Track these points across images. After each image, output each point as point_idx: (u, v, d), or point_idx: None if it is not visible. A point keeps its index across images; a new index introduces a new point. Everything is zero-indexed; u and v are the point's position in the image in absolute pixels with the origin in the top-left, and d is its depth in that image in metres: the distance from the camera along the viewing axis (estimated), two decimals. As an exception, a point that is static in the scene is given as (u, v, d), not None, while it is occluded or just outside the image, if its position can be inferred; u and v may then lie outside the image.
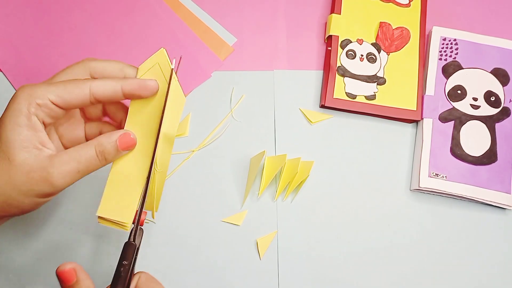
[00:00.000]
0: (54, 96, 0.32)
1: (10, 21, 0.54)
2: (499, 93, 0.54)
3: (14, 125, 0.31)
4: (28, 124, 0.31)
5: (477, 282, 0.50)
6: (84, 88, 0.33)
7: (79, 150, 0.33)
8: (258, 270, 0.49)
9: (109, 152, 0.33)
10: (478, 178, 0.51)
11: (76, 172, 0.32)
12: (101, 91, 0.33)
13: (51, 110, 0.32)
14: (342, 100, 0.52)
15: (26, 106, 0.31)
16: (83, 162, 0.33)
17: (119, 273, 0.34)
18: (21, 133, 0.31)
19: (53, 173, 0.31)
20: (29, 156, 0.31)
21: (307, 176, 0.49)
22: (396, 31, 0.55)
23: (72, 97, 0.32)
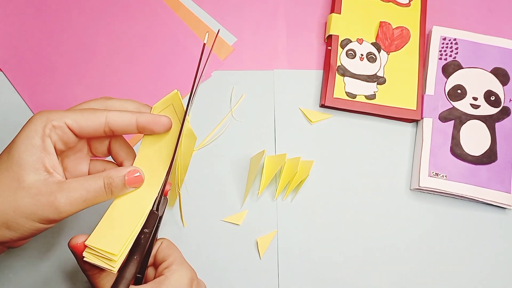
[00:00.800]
0: (71, 120, 0.32)
1: (11, 21, 0.54)
2: (499, 93, 0.54)
3: (28, 145, 0.31)
4: (42, 146, 0.32)
5: (477, 282, 0.50)
6: (101, 116, 0.33)
7: (88, 179, 0.33)
8: (258, 270, 0.49)
9: (116, 186, 0.33)
10: (478, 178, 0.51)
11: (83, 201, 0.32)
12: (116, 121, 0.33)
13: (65, 134, 0.33)
14: (342, 99, 0.52)
15: (42, 127, 0.32)
16: (91, 192, 0.32)
17: (139, 240, 0.34)
18: (34, 154, 0.31)
19: (60, 199, 0.31)
20: (38, 179, 0.31)
21: (307, 176, 0.49)
22: (396, 31, 0.55)
23: (88, 124, 0.33)
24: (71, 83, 0.52)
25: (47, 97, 0.52)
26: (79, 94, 0.52)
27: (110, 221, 0.34)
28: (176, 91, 0.35)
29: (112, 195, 0.34)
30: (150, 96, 0.53)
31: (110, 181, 0.33)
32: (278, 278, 0.49)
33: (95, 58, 0.53)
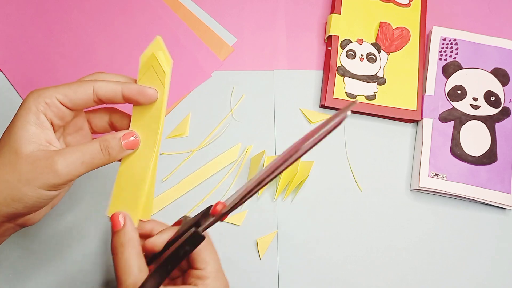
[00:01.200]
0: (61, 95, 0.33)
1: (11, 21, 0.54)
2: (499, 93, 0.54)
3: (23, 123, 0.33)
4: (37, 122, 0.33)
5: (477, 282, 0.50)
6: (88, 87, 0.34)
7: (85, 144, 0.34)
8: (258, 270, 0.49)
9: (113, 148, 0.34)
10: (478, 178, 0.51)
11: (80, 163, 0.33)
12: (103, 91, 0.34)
13: (59, 110, 0.34)
14: (342, 100, 0.52)
15: (35, 105, 0.33)
16: (87, 154, 0.33)
17: (178, 254, 0.34)
18: (29, 129, 0.33)
19: (58, 161, 0.32)
20: (36, 148, 0.33)
21: (307, 176, 0.49)
22: (396, 31, 0.55)
23: (77, 96, 0.34)
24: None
25: (47, 97, 0.52)
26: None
27: (121, 188, 0.36)
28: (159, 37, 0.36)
29: (110, 158, 0.34)
30: (150, 97, 0.53)
31: (106, 143, 0.34)
32: (278, 278, 0.49)
33: (95, 58, 0.53)
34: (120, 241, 0.34)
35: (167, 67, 0.36)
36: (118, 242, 0.34)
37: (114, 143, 0.34)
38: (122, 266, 0.33)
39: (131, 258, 0.34)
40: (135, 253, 0.34)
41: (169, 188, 0.50)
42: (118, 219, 0.35)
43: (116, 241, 0.34)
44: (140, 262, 0.34)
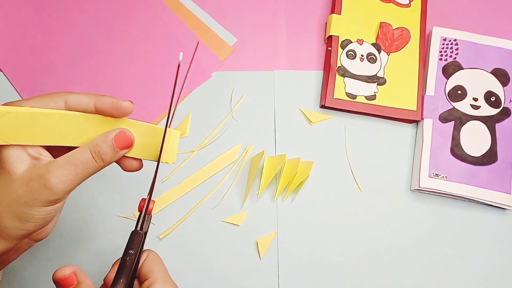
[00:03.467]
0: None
1: (11, 21, 0.54)
2: (499, 93, 0.54)
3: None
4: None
5: (477, 282, 0.50)
6: (59, 100, 0.32)
7: (74, 153, 0.32)
8: (258, 270, 0.49)
9: (105, 153, 0.33)
10: (478, 178, 0.51)
11: (74, 176, 0.32)
12: (75, 104, 0.33)
13: None
14: (342, 100, 0.52)
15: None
16: (79, 165, 0.32)
17: (125, 263, 0.33)
18: (13, 148, 0.31)
19: (50, 179, 0.31)
20: (27, 167, 0.31)
21: (307, 176, 0.49)
22: (396, 31, 0.55)
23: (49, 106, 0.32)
24: (71, 83, 0.52)
25: (47, 98, 0.52)
26: (79, 94, 0.52)
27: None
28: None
29: (104, 163, 0.33)
30: (149, 96, 0.53)
31: (97, 149, 0.32)
32: (278, 278, 0.49)
33: (95, 58, 0.53)
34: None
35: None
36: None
37: (106, 148, 0.33)
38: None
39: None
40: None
41: (169, 188, 0.50)
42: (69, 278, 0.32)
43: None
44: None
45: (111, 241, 0.48)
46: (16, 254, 0.35)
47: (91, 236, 0.48)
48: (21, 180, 0.31)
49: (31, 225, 0.32)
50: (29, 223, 0.32)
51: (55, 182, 0.31)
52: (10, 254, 0.34)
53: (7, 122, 0.31)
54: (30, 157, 0.32)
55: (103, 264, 0.47)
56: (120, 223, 0.49)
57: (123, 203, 0.49)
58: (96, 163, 0.32)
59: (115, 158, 0.33)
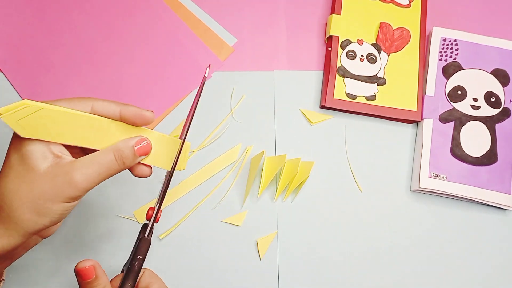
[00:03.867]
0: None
1: (11, 21, 0.54)
2: (499, 94, 0.54)
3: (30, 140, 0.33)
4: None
5: (477, 282, 0.50)
6: (87, 104, 0.35)
7: (99, 154, 0.34)
8: (258, 271, 0.49)
9: (127, 157, 0.35)
10: (478, 179, 0.51)
11: (97, 175, 0.34)
12: (101, 109, 0.35)
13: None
14: (342, 100, 0.52)
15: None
16: (103, 166, 0.34)
17: (133, 267, 0.35)
18: (38, 145, 0.33)
19: (76, 176, 0.33)
20: (51, 164, 0.33)
21: (307, 177, 0.49)
22: (396, 32, 0.55)
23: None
24: (71, 83, 0.52)
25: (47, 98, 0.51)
26: (79, 94, 0.52)
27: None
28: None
29: (125, 166, 0.35)
30: (149, 96, 0.53)
31: (120, 153, 0.35)
32: (278, 279, 0.49)
33: (95, 58, 0.53)
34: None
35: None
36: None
37: (128, 152, 0.35)
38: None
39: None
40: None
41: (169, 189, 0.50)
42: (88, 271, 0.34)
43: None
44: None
45: (110, 241, 0.48)
46: (23, 250, 0.36)
47: (91, 236, 0.48)
48: (46, 176, 0.32)
49: (47, 220, 0.33)
50: (46, 218, 0.33)
51: (80, 179, 0.33)
52: (19, 250, 0.35)
53: (39, 117, 0.32)
54: (53, 155, 0.33)
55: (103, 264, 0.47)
56: (119, 223, 0.49)
57: (122, 203, 0.49)
58: (118, 165, 0.35)
59: (134, 163, 0.36)
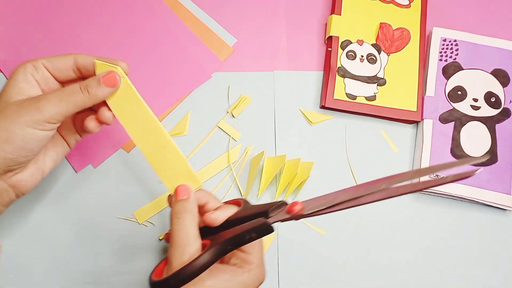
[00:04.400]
0: (45, 61, 0.38)
1: (11, 21, 0.54)
2: (499, 94, 0.54)
3: (13, 81, 0.37)
4: (25, 80, 0.37)
5: (477, 283, 0.50)
6: (69, 57, 0.38)
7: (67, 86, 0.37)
8: (258, 271, 0.49)
9: (91, 85, 0.36)
10: (478, 179, 0.51)
11: (60, 99, 0.36)
12: (82, 60, 0.38)
13: (43, 73, 0.38)
14: (342, 101, 0.52)
15: (23, 68, 0.37)
16: (66, 92, 0.36)
17: (242, 239, 0.35)
18: (18, 85, 0.37)
19: (40, 100, 0.35)
20: (22, 98, 0.36)
21: (307, 177, 0.49)
22: (396, 32, 0.55)
23: (59, 62, 0.38)
24: (71, 84, 0.52)
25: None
26: (79, 95, 0.52)
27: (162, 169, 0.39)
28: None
29: (90, 95, 0.36)
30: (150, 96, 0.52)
31: (85, 82, 0.37)
32: (279, 279, 0.49)
33: (95, 59, 0.53)
34: (183, 208, 0.37)
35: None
36: (181, 209, 0.37)
37: (92, 80, 0.37)
38: (182, 232, 0.36)
39: (191, 226, 0.36)
40: (194, 223, 0.36)
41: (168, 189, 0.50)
42: (183, 189, 0.38)
43: (179, 207, 0.37)
44: (196, 232, 0.36)
45: (110, 242, 0.48)
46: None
47: (91, 237, 0.48)
48: (15, 103, 0.36)
49: (10, 147, 0.35)
50: (8, 143, 0.34)
51: (43, 102, 0.35)
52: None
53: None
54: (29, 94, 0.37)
55: (103, 264, 0.47)
56: (119, 224, 0.49)
57: (122, 204, 0.49)
58: (82, 93, 0.36)
59: (100, 92, 0.37)
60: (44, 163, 0.39)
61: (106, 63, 0.38)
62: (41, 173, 0.39)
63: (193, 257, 0.34)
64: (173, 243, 0.36)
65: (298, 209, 0.34)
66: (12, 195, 0.38)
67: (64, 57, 0.38)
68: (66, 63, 0.38)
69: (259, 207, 0.37)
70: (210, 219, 0.37)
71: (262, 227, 0.35)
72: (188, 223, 0.36)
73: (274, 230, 0.35)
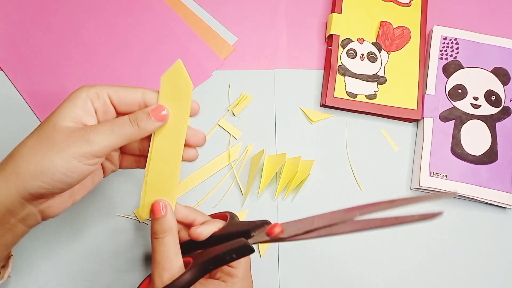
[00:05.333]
0: (112, 91, 0.36)
1: (11, 20, 0.54)
2: (499, 92, 0.54)
3: (71, 105, 0.34)
4: (83, 106, 0.34)
5: (477, 281, 0.50)
6: (138, 90, 0.36)
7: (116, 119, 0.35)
8: (258, 270, 0.49)
9: (141, 118, 0.35)
10: (479, 178, 0.51)
11: (110, 131, 0.34)
12: (151, 96, 0.36)
13: (105, 104, 0.36)
14: (343, 99, 0.52)
15: (86, 92, 0.35)
16: (116, 123, 0.35)
17: (223, 259, 0.36)
18: (74, 111, 0.34)
19: (90, 132, 0.33)
20: (75, 125, 0.34)
21: (307, 175, 0.49)
22: (396, 30, 0.55)
23: (126, 95, 0.36)
24: (71, 82, 0.52)
25: (48, 96, 0.52)
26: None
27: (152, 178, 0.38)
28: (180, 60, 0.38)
29: (139, 128, 0.35)
30: (150, 96, 0.53)
31: (135, 115, 0.35)
32: (279, 278, 0.49)
33: (96, 57, 0.53)
34: (161, 227, 0.37)
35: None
36: (160, 229, 0.37)
37: (142, 113, 0.35)
38: (162, 251, 0.36)
39: (170, 245, 0.36)
40: (174, 241, 0.37)
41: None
42: (159, 207, 0.37)
43: (157, 227, 0.37)
44: (177, 249, 0.37)
45: (111, 240, 0.48)
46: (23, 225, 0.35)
47: (91, 235, 0.48)
48: (63, 131, 0.33)
49: (48, 178, 0.33)
50: (48, 175, 0.32)
51: (93, 134, 0.33)
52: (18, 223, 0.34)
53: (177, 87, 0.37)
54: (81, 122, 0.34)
55: (104, 263, 0.47)
56: (119, 222, 0.49)
57: (122, 202, 0.49)
58: (132, 126, 0.35)
59: (149, 126, 0.35)
60: (77, 191, 0.38)
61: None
62: (72, 201, 0.38)
63: (174, 275, 0.35)
64: (154, 262, 0.36)
65: (278, 232, 0.35)
66: (39, 218, 0.36)
67: (133, 90, 0.36)
68: (134, 97, 0.36)
69: (243, 225, 0.38)
70: (195, 233, 0.38)
71: (242, 249, 0.36)
72: (167, 241, 0.36)
73: (254, 250, 0.36)
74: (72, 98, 0.35)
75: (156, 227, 0.37)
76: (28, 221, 0.35)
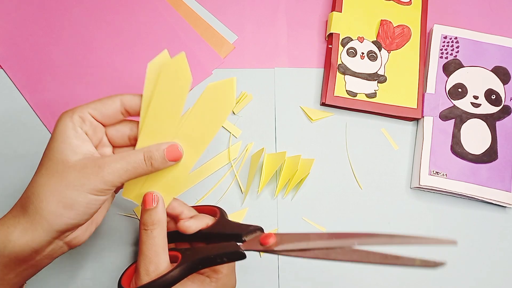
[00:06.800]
0: (91, 109, 0.36)
1: (11, 18, 0.54)
2: (499, 91, 0.54)
3: (64, 138, 0.34)
4: (76, 135, 0.35)
5: (476, 281, 0.50)
6: (115, 100, 0.37)
7: (129, 153, 0.36)
8: (258, 269, 0.49)
9: (156, 159, 0.36)
10: (479, 176, 0.51)
11: (125, 171, 0.35)
12: (129, 102, 0.37)
13: (91, 123, 0.36)
14: (343, 98, 0.52)
15: (71, 121, 0.35)
16: (131, 163, 0.35)
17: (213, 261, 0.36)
18: (71, 142, 0.34)
19: (104, 168, 0.34)
20: (83, 157, 0.34)
21: (307, 174, 0.49)
22: (397, 29, 0.55)
23: (106, 108, 0.36)
24: (72, 80, 0.52)
25: (48, 95, 0.52)
26: (80, 91, 0.52)
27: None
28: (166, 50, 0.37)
29: (152, 168, 0.36)
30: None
31: (150, 154, 0.36)
32: (278, 277, 0.49)
33: (96, 55, 0.53)
34: (151, 219, 0.37)
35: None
36: (149, 220, 0.37)
37: (158, 155, 0.36)
38: (150, 243, 0.36)
39: (159, 238, 0.37)
40: (162, 234, 0.37)
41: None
42: (151, 199, 0.37)
43: (147, 218, 0.37)
44: (164, 242, 0.37)
45: (112, 238, 0.48)
46: (48, 259, 0.36)
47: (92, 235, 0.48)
48: (75, 167, 0.34)
49: (73, 213, 0.34)
50: (72, 211, 0.33)
51: (107, 172, 0.34)
52: (44, 258, 0.35)
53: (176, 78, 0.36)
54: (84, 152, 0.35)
55: (104, 261, 0.47)
56: (120, 221, 0.49)
57: (122, 201, 0.49)
58: (146, 166, 0.36)
59: (162, 166, 0.37)
60: (98, 215, 0.39)
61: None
62: (95, 225, 0.39)
63: (160, 270, 0.36)
64: (141, 254, 0.36)
65: (272, 243, 0.35)
66: (65, 249, 0.37)
67: (110, 101, 0.36)
68: (113, 108, 0.36)
69: (234, 227, 0.38)
70: (184, 226, 0.39)
71: (234, 254, 0.36)
72: (156, 234, 0.37)
73: (246, 256, 0.36)
74: (62, 130, 0.35)
75: (145, 218, 0.37)
76: (54, 254, 0.36)
